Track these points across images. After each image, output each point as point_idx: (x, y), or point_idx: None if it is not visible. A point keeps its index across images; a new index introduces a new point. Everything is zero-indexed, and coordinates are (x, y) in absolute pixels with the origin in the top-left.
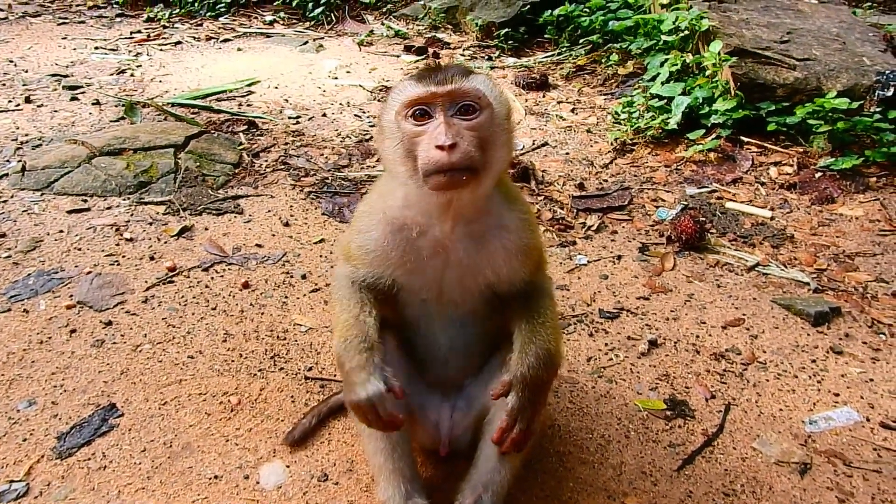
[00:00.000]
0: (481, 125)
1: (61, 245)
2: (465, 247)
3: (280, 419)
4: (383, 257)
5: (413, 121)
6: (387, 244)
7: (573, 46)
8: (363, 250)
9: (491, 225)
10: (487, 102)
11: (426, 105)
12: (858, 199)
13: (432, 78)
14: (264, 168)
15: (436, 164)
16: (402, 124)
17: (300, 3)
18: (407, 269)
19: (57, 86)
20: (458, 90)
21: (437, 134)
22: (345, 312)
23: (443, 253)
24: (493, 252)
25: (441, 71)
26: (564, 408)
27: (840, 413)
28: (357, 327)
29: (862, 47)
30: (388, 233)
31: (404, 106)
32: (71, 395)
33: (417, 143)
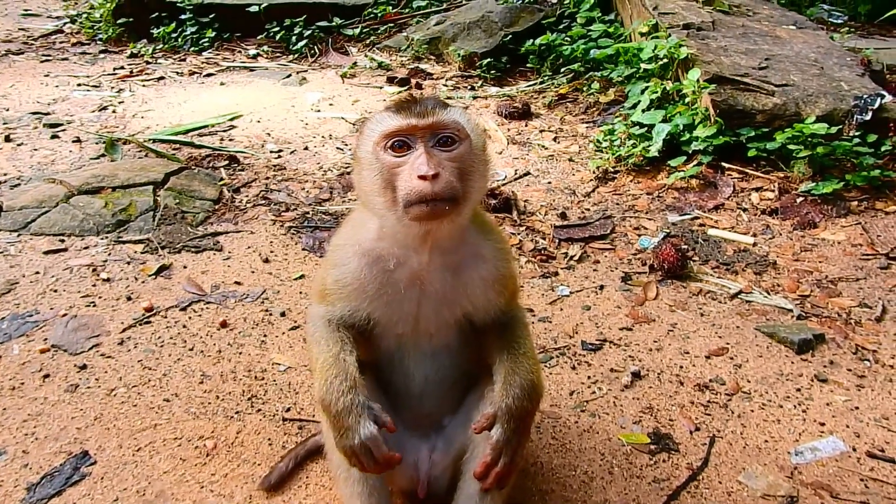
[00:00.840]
0: (461, 156)
1: (37, 287)
2: (441, 278)
3: (257, 463)
4: (359, 290)
5: (392, 152)
6: (363, 276)
7: (555, 75)
8: (339, 284)
9: (467, 255)
10: (466, 134)
11: (406, 137)
12: (840, 224)
13: (412, 110)
14: (245, 203)
15: (418, 194)
16: (381, 155)
17: (284, 37)
18: (383, 301)
19: (38, 124)
20: (438, 122)
21: (418, 164)
22: (323, 353)
23: (419, 284)
24: (469, 282)
25: (418, 103)
26: (547, 444)
27: (826, 443)
28: (337, 366)
29: (840, 72)
30: (364, 265)
31: (383, 137)
32: (42, 444)
33: (397, 173)
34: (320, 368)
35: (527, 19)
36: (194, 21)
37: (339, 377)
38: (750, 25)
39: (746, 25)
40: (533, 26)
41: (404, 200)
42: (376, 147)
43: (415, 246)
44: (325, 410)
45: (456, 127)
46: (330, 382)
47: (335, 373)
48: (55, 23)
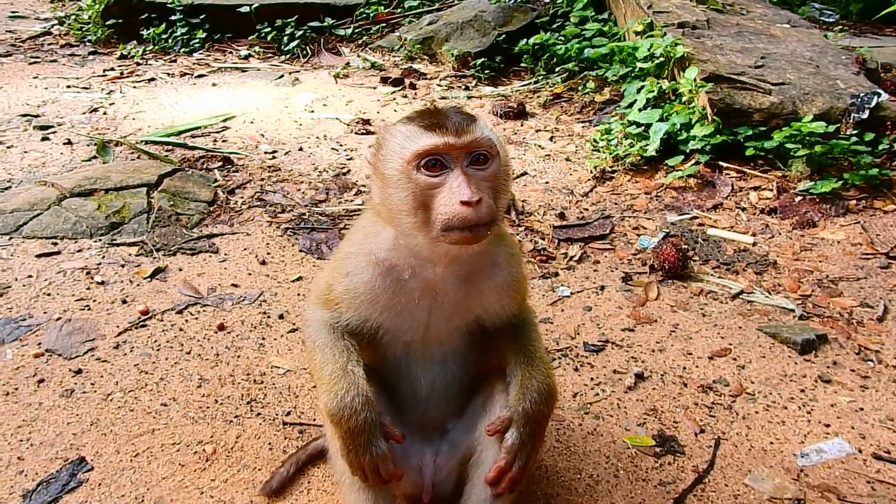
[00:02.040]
0: (493, 175)
1: (30, 291)
2: (455, 287)
3: (257, 468)
4: (372, 300)
5: (426, 172)
6: (376, 287)
7: (549, 74)
8: (351, 293)
9: (481, 263)
10: (496, 151)
11: (441, 156)
12: (839, 223)
13: (447, 127)
14: (240, 205)
15: (462, 220)
16: (414, 175)
17: (275, 38)
18: (395, 311)
19: (27, 126)
20: (474, 142)
21: (460, 189)
22: (329, 363)
23: (432, 294)
24: (483, 290)
25: (449, 118)
26: (551, 447)
27: (832, 445)
28: (347, 379)
29: (835, 70)
30: (377, 275)
31: (416, 156)
32: (38, 450)
33: (433, 195)
34: (328, 379)
35: (520, 18)
36: (184, 22)
37: (351, 392)
38: (744, 24)
39: (741, 24)
40: (526, 26)
41: (443, 224)
42: (408, 166)
43: (433, 259)
44: (335, 424)
45: (489, 145)
46: (341, 398)
47: (345, 387)
48: (43, 24)
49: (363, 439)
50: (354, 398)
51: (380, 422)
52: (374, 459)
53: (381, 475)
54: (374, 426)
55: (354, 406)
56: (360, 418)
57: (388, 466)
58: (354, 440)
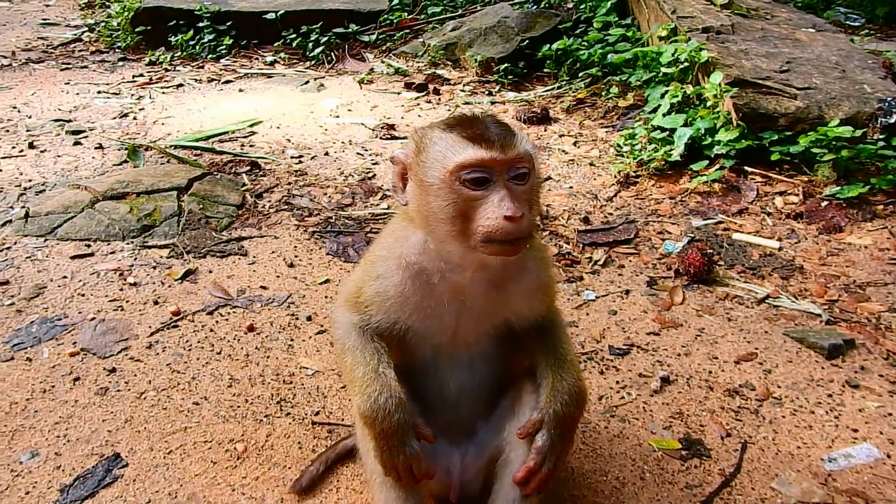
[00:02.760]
0: (531, 189)
1: (65, 291)
2: (485, 291)
3: (287, 466)
4: (402, 303)
5: (469, 185)
6: (406, 290)
7: (573, 80)
8: (382, 296)
9: (511, 268)
10: (533, 164)
11: (485, 170)
12: (866, 228)
13: (492, 141)
14: (268, 209)
15: (505, 234)
16: (456, 186)
17: (300, 44)
18: (424, 314)
19: (60, 131)
20: (518, 157)
21: (503, 204)
22: (361, 366)
23: (461, 297)
24: (513, 293)
25: (491, 130)
26: (577, 449)
27: (860, 450)
28: (380, 382)
29: (862, 75)
30: (407, 278)
31: (460, 168)
32: (74, 446)
33: (475, 207)
34: (361, 382)
35: (543, 24)
36: (212, 29)
37: (384, 394)
38: (769, 28)
39: (766, 28)
40: (550, 31)
41: (484, 236)
42: (450, 176)
43: (463, 264)
44: (368, 426)
45: (529, 160)
46: (374, 399)
47: (378, 388)
48: (74, 31)
49: (397, 440)
50: (388, 400)
51: (412, 422)
52: (408, 459)
53: (414, 475)
54: (408, 427)
55: (388, 408)
56: (393, 419)
57: (421, 466)
58: (388, 441)
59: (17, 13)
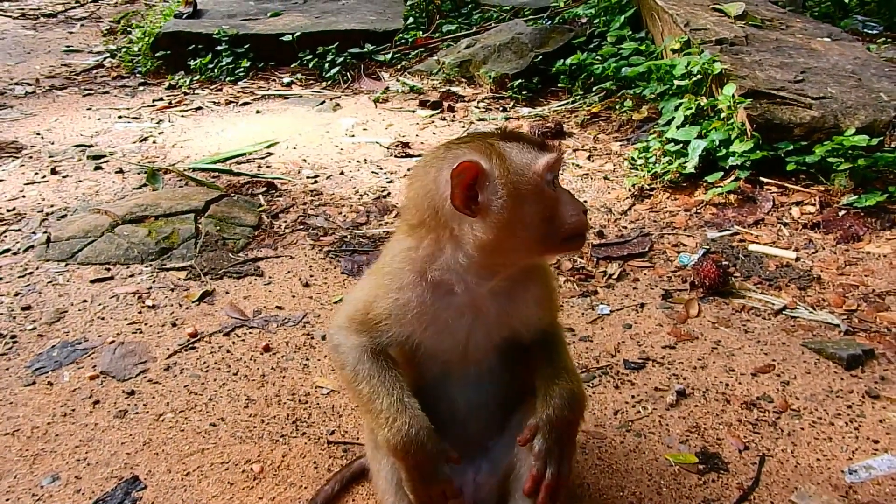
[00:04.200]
0: None
1: (85, 315)
2: (497, 302)
3: (303, 486)
4: (419, 315)
5: (549, 187)
6: (426, 301)
7: (587, 94)
8: (401, 309)
9: (517, 278)
10: None
11: (555, 172)
12: (885, 237)
13: (554, 144)
14: (283, 229)
15: (585, 227)
16: (547, 189)
17: (317, 64)
18: (437, 328)
19: (82, 156)
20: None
21: (576, 200)
22: (383, 396)
23: (476, 309)
24: (521, 303)
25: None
26: (593, 465)
27: (881, 461)
28: (408, 413)
29: (879, 83)
30: (427, 289)
31: (547, 170)
32: (94, 469)
33: (557, 207)
34: (386, 414)
35: (557, 39)
36: (230, 52)
37: (415, 426)
38: (784, 39)
39: (780, 39)
40: (563, 46)
41: (570, 233)
42: (541, 180)
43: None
44: (399, 458)
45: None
46: (405, 433)
47: (408, 421)
48: (96, 58)
49: (430, 469)
50: (419, 432)
51: (443, 449)
52: (441, 485)
53: (445, 498)
54: (441, 455)
55: (420, 439)
56: (426, 450)
57: (453, 489)
58: (422, 472)
59: (42, 41)
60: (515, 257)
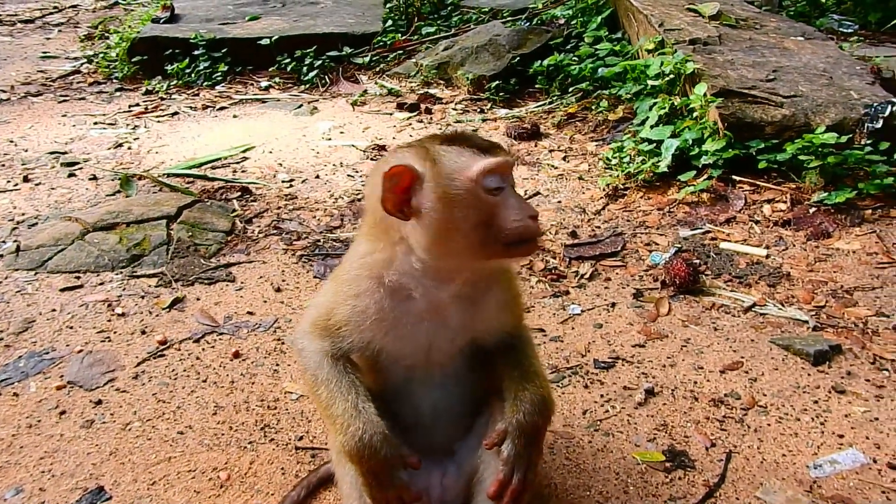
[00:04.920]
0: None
1: (53, 324)
2: (458, 307)
3: (270, 493)
4: (378, 321)
5: (488, 191)
6: (384, 307)
7: (564, 95)
8: (359, 315)
9: (480, 283)
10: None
11: (499, 175)
12: (855, 233)
13: (500, 148)
14: (257, 234)
15: (533, 232)
16: (481, 194)
17: (295, 68)
18: (399, 334)
19: (55, 163)
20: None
21: (525, 205)
22: (339, 401)
23: (437, 315)
24: (484, 308)
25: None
26: (561, 465)
27: (846, 456)
28: (361, 418)
29: (849, 81)
30: (385, 296)
31: (482, 175)
32: (59, 480)
33: (495, 213)
34: (342, 419)
35: (534, 41)
36: (207, 56)
37: (369, 431)
38: (757, 38)
39: (753, 38)
40: (540, 48)
41: (517, 237)
42: (474, 184)
43: (445, 279)
44: (355, 463)
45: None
46: (359, 438)
47: (361, 426)
48: (73, 64)
49: (385, 475)
50: (373, 437)
51: (399, 454)
52: (398, 491)
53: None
54: (396, 460)
55: (374, 444)
56: (380, 456)
57: (410, 494)
58: (377, 477)
59: (18, 47)
60: (462, 262)
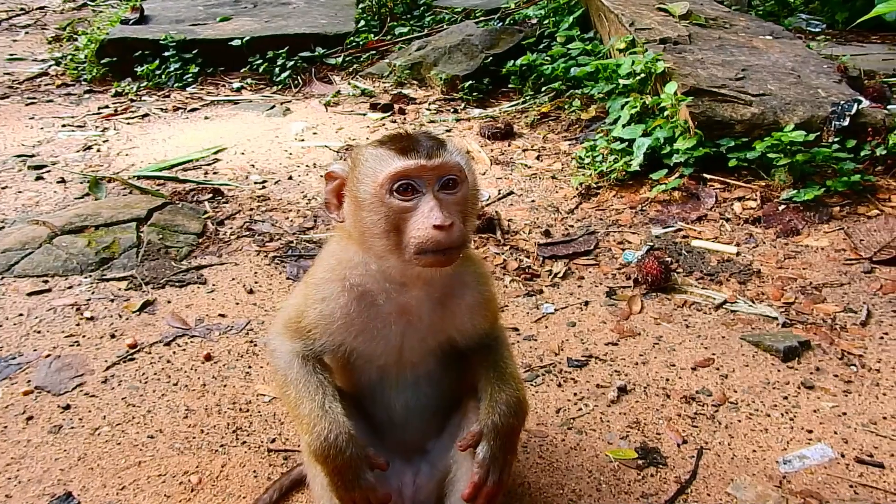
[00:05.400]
0: (463, 198)
1: (20, 329)
2: (429, 309)
3: (243, 496)
4: (347, 325)
5: (398, 196)
6: (352, 311)
7: (537, 94)
8: (327, 319)
9: (451, 284)
10: (465, 176)
11: (413, 179)
12: (823, 230)
13: (418, 150)
14: (229, 236)
15: (435, 243)
16: (387, 199)
17: (267, 69)
18: (369, 335)
19: (22, 166)
20: (444, 165)
21: (432, 213)
22: (306, 401)
23: (406, 317)
24: (455, 310)
25: (418, 141)
26: (534, 463)
27: (814, 451)
28: (327, 418)
29: (817, 80)
30: (352, 300)
31: (389, 179)
32: (26, 487)
33: (405, 218)
34: (308, 418)
35: (507, 41)
36: (177, 57)
37: (334, 431)
38: (726, 37)
39: (723, 38)
40: (513, 47)
41: (417, 248)
42: (381, 189)
43: (407, 282)
44: (320, 463)
45: (459, 170)
46: (325, 438)
47: (327, 426)
48: (41, 66)
49: (350, 475)
50: (338, 437)
51: (365, 454)
52: (364, 492)
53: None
54: (361, 460)
55: (339, 444)
56: (345, 456)
57: (377, 496)
58: (342, 477)
59: None
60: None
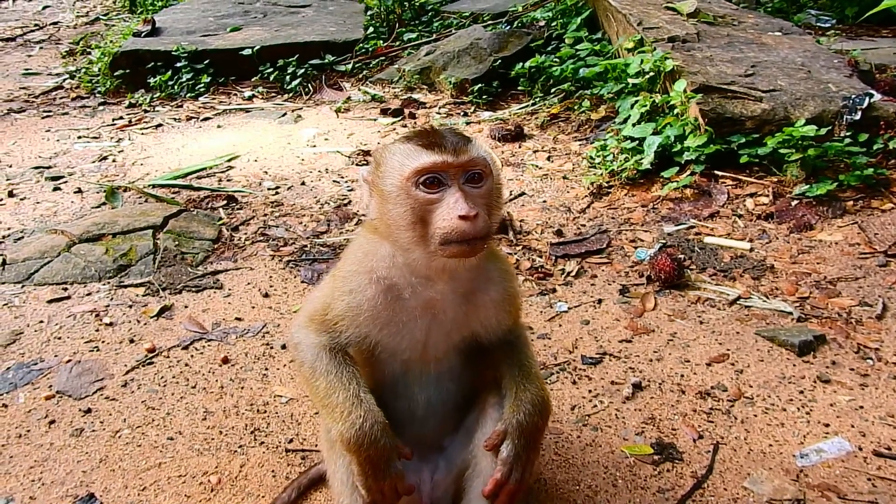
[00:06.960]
0: (488, 192)
1: (41, 336)
2: (454, 303)
3: (261, 496)
4: (373, 317)
5: (424, 188)
6: (379, 304)
7: (546, 96)
8: (354, 311)
9: (476, 280)
10: (490, 170)
11: (439, 174)
12: (836, 224)
13: (444, 146)
14: (243, 241)
15: (461, 233)
16: (413, 191)
17: (278, 77)
18: (395, 328)
19: (40, 178)
20: (471, 161)
21: (458, 204)
22: (339, 391)
23: (432, 311)
24: (480, 305)
25: (445, 137)
26: (550, 460)
27: (831, 444)
28: (362, 407)
29: (827, 74)
30: (379, 292)
31: (416, 173)
32: (49, 489)
33: (431, 210)
34: (342, 408)
35: (515, 43)
36: (189, 68)
37: (369, 420)
38: (735, 34)
39: (732, 35)
40: (522, 50)
41: (442, 238)
42: (407, 182)
43: (433, 275)
44: (353, 452)
45: (484, 164)
46: (360, 426)
47: (362, 415)
48: (55, 79)
49: (382, 464)
50: (373, 426)
51: (395, 444)
52: (393, 480)
53: (397, 494)
54: (392, 450)
55: (374, 434)
56: (379, 445)
57: (404, 485)
58: (374, 466)
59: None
60: (420, 257)
